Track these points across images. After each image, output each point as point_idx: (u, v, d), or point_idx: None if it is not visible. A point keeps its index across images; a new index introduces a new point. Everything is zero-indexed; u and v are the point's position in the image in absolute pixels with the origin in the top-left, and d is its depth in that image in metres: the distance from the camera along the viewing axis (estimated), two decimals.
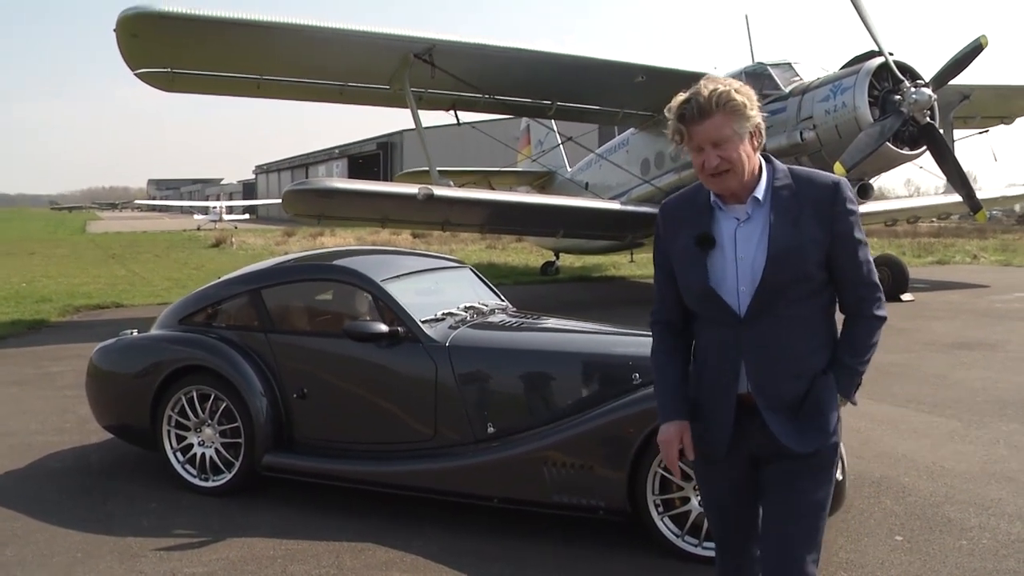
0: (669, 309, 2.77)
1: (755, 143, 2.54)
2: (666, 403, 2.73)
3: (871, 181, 13.31)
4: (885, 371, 8.45)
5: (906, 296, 14.45)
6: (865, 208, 14.60)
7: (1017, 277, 19.15)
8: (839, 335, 2.65)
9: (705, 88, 2.47)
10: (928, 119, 12.03)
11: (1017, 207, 42.18)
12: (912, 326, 11.67)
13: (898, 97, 11.93)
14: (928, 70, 12.44)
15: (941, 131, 12.71)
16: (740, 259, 2.55)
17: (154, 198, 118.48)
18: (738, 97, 2.46)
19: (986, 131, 18.35)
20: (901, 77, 12.06)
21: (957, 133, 16.61)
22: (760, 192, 2.56)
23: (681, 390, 2.72)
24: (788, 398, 2.56)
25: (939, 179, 14.09)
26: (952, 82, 12.66)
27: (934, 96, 11.95)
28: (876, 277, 2.63)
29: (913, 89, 11.87)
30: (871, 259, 2.62)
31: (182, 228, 51.47)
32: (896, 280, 14.47)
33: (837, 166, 11.58)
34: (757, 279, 2.51)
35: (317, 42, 13.08)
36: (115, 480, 5.63)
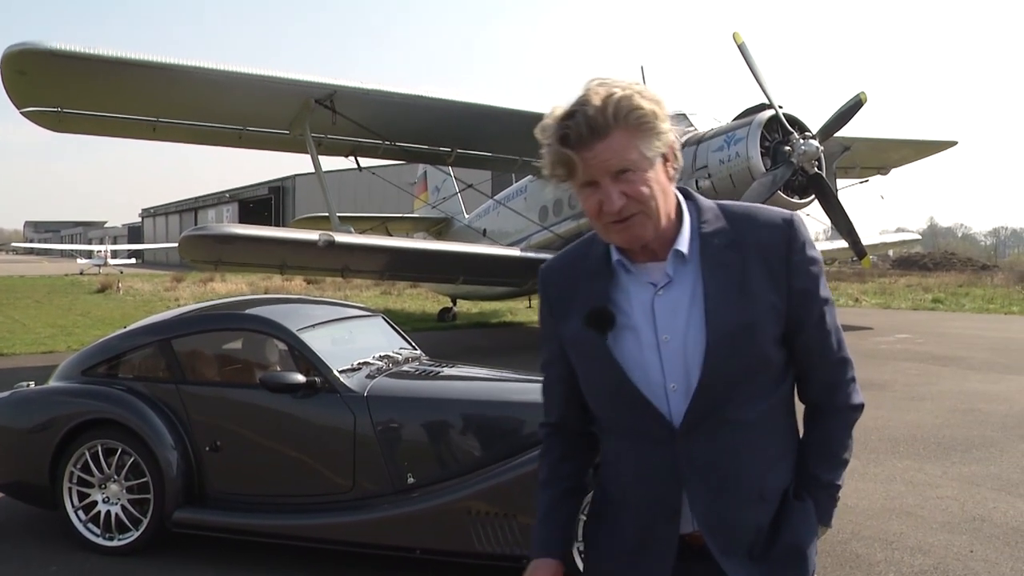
0: (557, 408, 2.04)
1: (670, 171, 1.78)
2: (540, 533, 1.99)
3: None
4: None
5: None
6: None
7: (897, 319, 20.12)
8: (804, 435, 1.94)
9: (595, 94, 1.69)
10: (816, 169, 12.62)
11: (891, 252, 44.34)
12: None
13: (788, 148, 12.49)
14: (814, 122, 13.08)
15: (827, 181, 13.35)
16: (664, 342, 1.78)
17: (32, 241, 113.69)
18: (645, 104, 1.69)
19: (866, 181, 19.36)
20: (790, 129, 12.64)
21: (839, 182, 17.47)
22: (683, 243, 1.79)
23: (562, 516, 2.00)
24: (750, 532, 1.81)
25: (821, 225, 14.73)
26: (835, 134, 13.32)
27: (821, 147, 12.55)
28: (847, 350, 1.90)
29: (802, 141, 12.46)
30: (839, 325, 1.91)
31: (64, 272, 49.47)
32: None
33: None
34: (695, 373, 1.75)
35: (216, 85, 12.90)
36: (6, 543, 5.33)
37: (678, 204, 1.83)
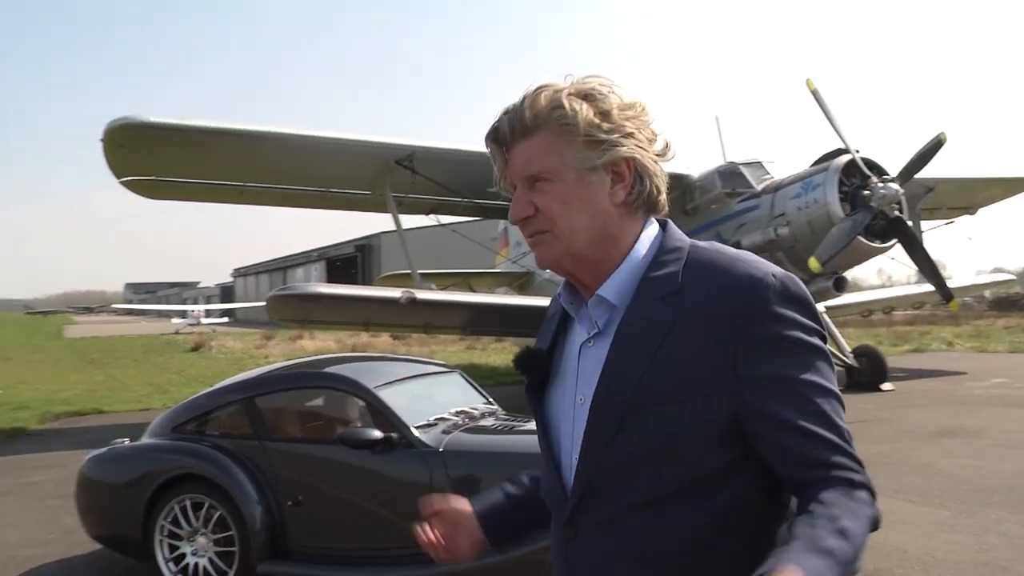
0: None
1: (618, 193, 1.46)
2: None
3: (845, 274, 13.60)
4: (870, 461, 8.49)
5: (886, 386, 14.69)
6: (841, 300, 14.88)
7: (992, 363, 19.41)
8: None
9: (532, 89, 1.48)
10: (897, 212, 12.39)
11: (987, 293, 42.87)
12: (893, 415, 11.78)
13: (867, 192, 12.30)
14: (893, 165, 12.87)
15: (910, 223, 13.09)
16: (579, 404, 1.47)
17: (131, 302, 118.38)
18: (574, 105, 1.43)
19: (952, 222, 18.84)
20: (868, 173, 12.45)
21: (924, 224, 17.08)
22: (610, 287, 1.47)
23: (497, 499, 1.71)
24: None
25: (911, 268, 14.40)
26: (917, 176, 13.08)
27: (901, 190, 12.34)
28: (849, 442, 1.44)
29: (881, 184, 12.26)
30: (832, 411, 1.40)
31: (160, 332, 51.22)
32: (875, 370, 15.06)
33: (812, 261, 11.93)
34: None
35: (300, 150, 13.39)
36: None
37: (637, 239, 1.49)
